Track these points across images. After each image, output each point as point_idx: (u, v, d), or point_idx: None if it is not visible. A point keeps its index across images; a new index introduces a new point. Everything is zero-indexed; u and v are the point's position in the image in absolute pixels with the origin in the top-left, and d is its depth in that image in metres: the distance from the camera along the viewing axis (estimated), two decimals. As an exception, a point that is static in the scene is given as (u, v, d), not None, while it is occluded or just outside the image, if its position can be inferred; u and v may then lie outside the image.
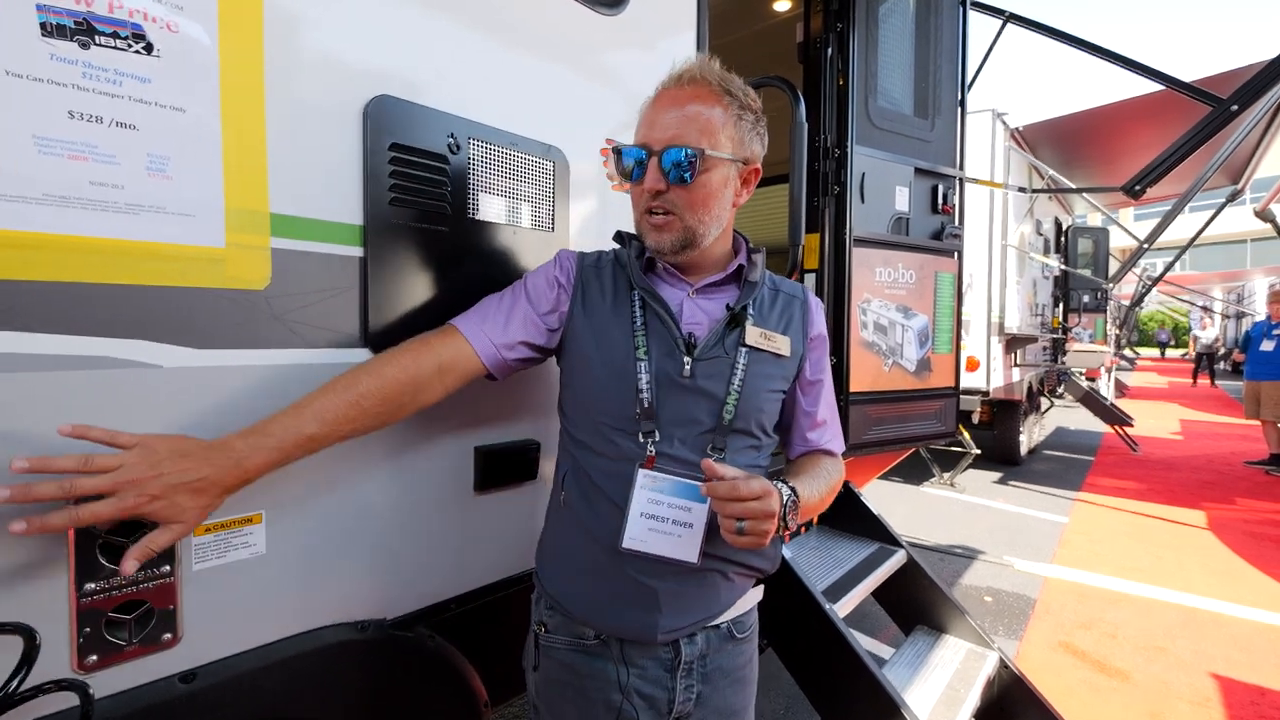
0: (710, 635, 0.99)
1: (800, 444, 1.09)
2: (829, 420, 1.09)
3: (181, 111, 0.78)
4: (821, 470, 1.02)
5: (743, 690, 1.05)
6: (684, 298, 0.99)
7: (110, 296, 0.73)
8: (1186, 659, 2.84)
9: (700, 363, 0.94)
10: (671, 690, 0.96)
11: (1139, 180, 2.45)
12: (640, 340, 0.94)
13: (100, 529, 0.73)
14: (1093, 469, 6.63)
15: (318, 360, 0.92)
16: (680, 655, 0.96)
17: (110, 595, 0.75)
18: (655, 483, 0.91)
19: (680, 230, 0.93)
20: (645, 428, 0.92)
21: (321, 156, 0.91)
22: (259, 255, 0.85)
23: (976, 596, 3.49)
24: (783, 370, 1.01)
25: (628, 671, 0.94)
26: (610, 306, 0.97)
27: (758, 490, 0.80)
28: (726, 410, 0.95)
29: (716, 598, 0.98)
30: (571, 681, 0.96)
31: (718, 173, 0.92)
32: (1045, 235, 7.01)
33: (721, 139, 0.91)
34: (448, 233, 1.06)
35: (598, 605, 0.94)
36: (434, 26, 1.05)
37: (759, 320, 1.00)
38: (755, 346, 0.97)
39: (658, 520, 0.91)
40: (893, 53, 2.30)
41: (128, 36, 0.74)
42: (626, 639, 0.94)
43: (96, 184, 0.72)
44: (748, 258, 1.03)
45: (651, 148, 0.90)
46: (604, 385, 0.94)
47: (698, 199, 0.91)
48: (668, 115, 0.91)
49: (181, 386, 0.79)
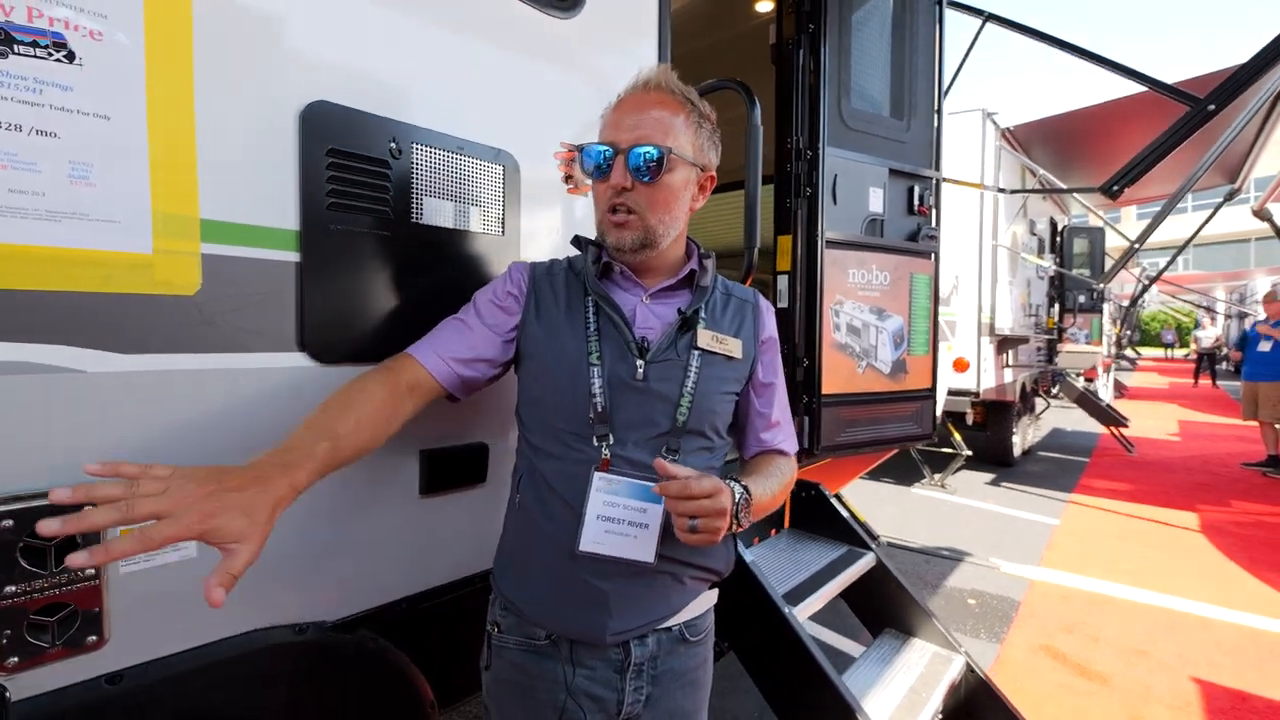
0: (662, 638, 0.99)
1: (754, 444, 1.11)
2: (782, 421, 1.11)
3: (106, 119, 0.79)
4: (775, 470, 1.04)
5: (694, 693, 1.05)
6: (637, 303, 1.00)
7: (29, 302, 0.74)
8: (1169, 662, 2.83)
9: (653, 365, 0.96)
10: (621, 691, 0.96)
11: (1116, 181, 2.44)
12: (593, 345, 0.95)
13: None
14: (1087, 470, 6.61)
15: (253, 365, 0.93)
16: (630, 657, 0.96)
17: (31, 597, 0.75)
18: (610, 485, 0.92)
19: (641, 229, 0.95)
20: (599, 431, 0.93)
21: (255, 162, 0.92)
22: (188, 261, 0.86)
23: (960, 599, 3.49)
24: (735, 372, 1.03)
25: (574, 672, 0.95)
26: (564, 313, 0.99)
27: (709, 488, 0.81)
28: (680, 412, 0.96)
29: (668, 600, 0.99)
30: (520, 681, 0.97)
31: (679, 174, 0.95)
32: (1039, 235, 7.01)
33: (684, 143, 0.95)
34: (390, 237, 1.07)
35: (549, 606, 0.95)
36: (376, 32, 1.06)
37: (711, 324, 1.02)
38: (708, 349, 0.99)
39: (614, 522, 0.92)
40: (867, 53, 2.30)
41: (48, 45, 0.74)
42: (576, 640, 0.95)
43: (16, 191, 0.73)
44: (699, 263, 1.04)
45: (619, 146, 0.93)
46: (558, 390, 0.95)
47: (660, 199, 0.94)
48: (633, 117, 0.94)
49: (107, 391, 0.80)
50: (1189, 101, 2.25)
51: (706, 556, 1.00)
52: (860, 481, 6.03)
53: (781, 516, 2.14)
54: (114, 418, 0.80)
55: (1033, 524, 4.80)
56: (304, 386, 0.98)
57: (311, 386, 0.99)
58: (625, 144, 0.92)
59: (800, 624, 1.50)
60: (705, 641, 1.07)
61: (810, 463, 2.30)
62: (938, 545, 4.32)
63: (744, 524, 0.89)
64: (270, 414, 0.95)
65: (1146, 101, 5.02)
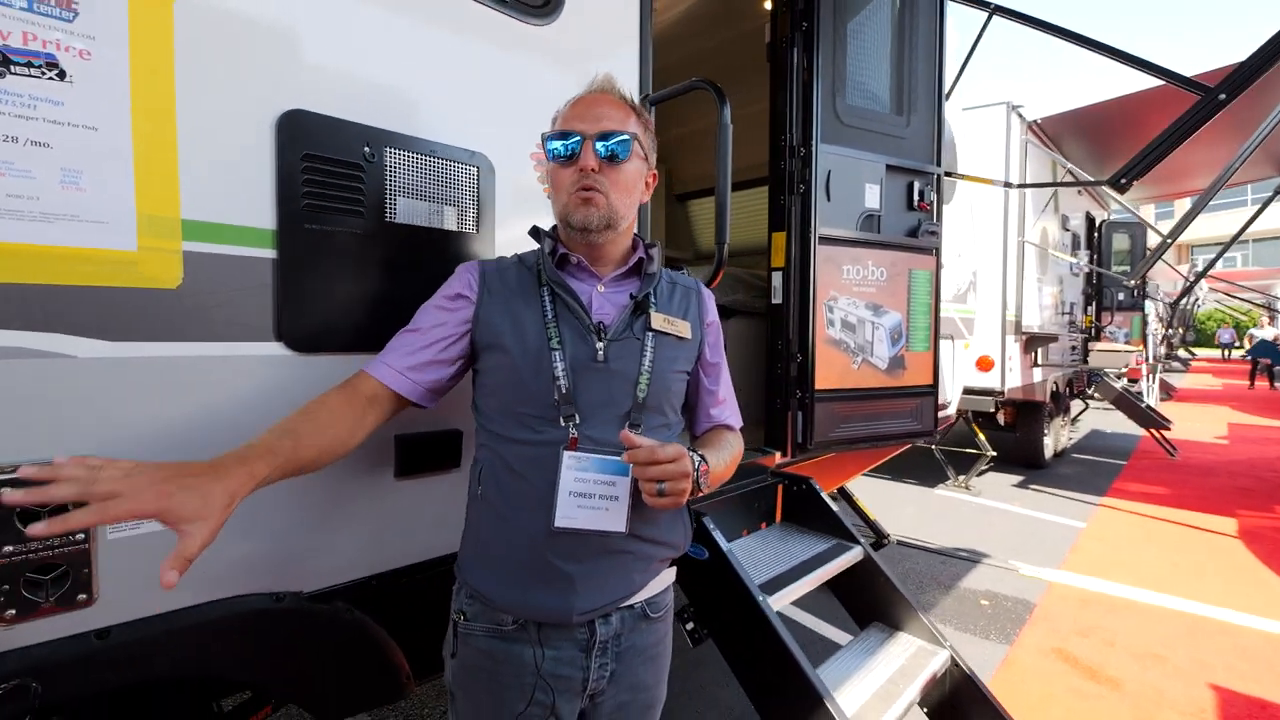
0: (625, 615, 1.04)
1: (705, 420, 1.17)
2: (728, 399, 1.19)
3: (94, 130, 0.88)
4: (725, 443, 1.12)
5: (655, 666, 1.10)
6: (593, 290, 1.06)
7: (25, 294, 0.83)
8: (1185, 668, 2.74)
9: (612, 345, 1.01)
10: (586, 669, 1.01)
11: (1125, 173, 2.38)
12: (553, 330, 1.00)
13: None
14: (1122, 473, 6.38)
15: (231, 352, 1.01)
16: (595, 635, 1.01)
17: (28, 557, 0.85)
18: (580, 462, 0.97)
19: (606, 207, 1.01)
20: (566, 412, 0.98)
21: (233, 167, 1.00)
22: (171, 257, 0.94)
23: (973, 600, 3.43)
24: (686, 352, 1.09)
25: (543, 653, 0.99)
26: (520, 303, 1.03)
27: (673, 453, 0.88)
28: (640, 389, 1.02)
29: (630, 579, 1.04)
30: (487, 667, 1.01)
31: (635, 164, 1.04)
32: (1073, 231, 6.79)
33: (640, 139, 1.04)
34: (363, 235, 1.14)
35: (517, 591, 0.98)
36: (351, 43, 1.13)
37: (661, 308, 1.08)
38: (661, 330, 1.05)
39: (586, 497, 0.97)
40: (865, 50, 2.30)
41: (41, 65, 0.84)
42: (544, 622, 0.99)
43: (13, 196, 0.82)
44: (646, 252, 1.10)
45: (586, 133, 1.00)
46: (522, 376, 0.99)
47: (623, 181, 1.02)
48: (596, 110, 1.02)
49: (95, 374, 0.88)
50: (1199, 91, 2.18)
51: (667, 531, 1.06)
52: (881, 481, 5.96)
53: (773, 510, 2.16)
54: (101, 398, 0.89)
55: (1058, 527, 4.67)
56: (280, 373, 1.06)
57: (287, 373, 1.07)
58: (591, 131, 1.00)
59: (773, 612, 1.52)
60: (665, 618, 1.12)
61: (805, 457, 2.31)
62: (956, 546, 4.24)
63: (703, 489, 0.96)
64: (248, 398, 1.03)
65: (1180, 90, 4.83)
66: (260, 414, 1.04)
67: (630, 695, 1.05)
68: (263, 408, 1.04)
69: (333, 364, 1.12)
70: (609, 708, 1.04)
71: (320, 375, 1.10)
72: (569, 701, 1.01)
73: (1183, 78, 2.23)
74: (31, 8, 0.83)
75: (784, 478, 2.15)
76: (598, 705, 1.04)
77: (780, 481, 2.16)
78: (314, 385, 1.09)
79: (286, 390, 1.06)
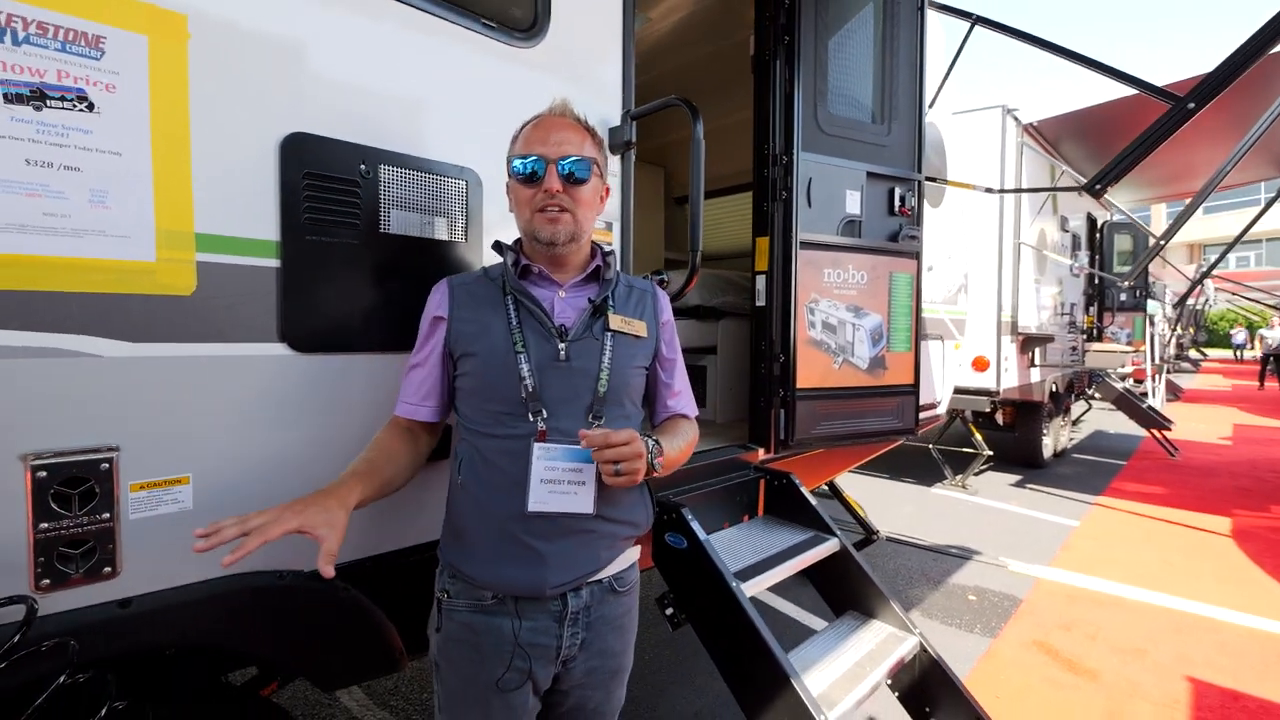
0: (594, 589, 1.15)
1: (663, 410, 1.29)
2: (683, 390, 1.30)
3: (119, 155, 0.99)
4: (681, 430, 1.24)
5: (622, 635, 1.21)
6: (554, 296, 1.16)
7: (58, 301, 0.94)
8: (1165, 662, 2.81)
9: (574, 345, 1.12)
10: (559, 638, 1.11)
11: (1099, 179, 2.45)
12: (517, 335, 1.11)
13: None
14: (1121, 473, 6.41)
15: (239, 352, 1.12)
16: (568, 607, 1.11)
17: (60, 534, 0.96)
18: (549, 452, 1.08)
19: (572, 223, 1.12)
20: (533, 408, 1.08)
21: (242, 185, 1.11)
22: (185, 267, 1.05)
23: (961, 595, 3.50)
24: (643, 349, 1.20)
25: (521, 624, 1.09)
26: (488, 313, 1.14)
27: (625, 436, 1.00)
28: (601, 384, 1.12)
29: (597, 556, 1.14)
30: (469, 639, 1.11)
31: (594, 182, 1.15)
32: (1073, 232, 6.82)
33: (596, 157, 1.15)
34: (359, 245, 1.25)
35: (494, 569, 1.09)
36: (348, 71, 1.24)
37: (619, 310, 1.18)
38: (618, 330, 1.16)
39: (555, 484, 1.08)
40: (846, 61, 2.39)
41: (73, 99, 0.95)
42: (520, 595, 1.09)
43: (48, 214, 0.93)
44: (603, 259, 1.20)
45: (549, 157, 1.10)
46: (492, 379, 1.10)
47: (585, 199, 1.13)
48: (557, 135, 1.12)
49: (118, 371, 0.99)
50: (1169, 100, 2.25)
51: (629, 511, 1.17)
52: (880, 480, 6.02)
53: (755, 504, 2.25)
54: (125, 392, 1.00)
55: (1052, 525, 4.73)
56: (283, 371, 1.17)
57: (290, 371, 1.18)
58: (554, 155, 1.10)
59: (746, 598, 1.62)
60: (631, 593, 1.23)
61: (788, 454, 2.40)
62: (949, 544, 4.31)
63: (658, 471, 1.09)
64: (254, 392, 1.14)
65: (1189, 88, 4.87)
66: (264, 406, 1.15)
67: (599, 661, 1.16)
68: (267, 401, 1.15)
69: (331, 362, 1.23)
70: (580, 672, 1.15)
71: (319, 373, 1.22)
72: (544, 667, 1.11)
73: (1153, 87, 2.30)
74: (65, 49, 0.94)
75: (765, 473, 2.24)
76: (570, 670, 1.14)
77: (762, 476, 2.25)
78: (313, 382, 1.21)
79: (289, 386, 1.18)
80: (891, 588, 3.05)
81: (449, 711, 1.13)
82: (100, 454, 0.99)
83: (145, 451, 1.03)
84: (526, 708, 1.12)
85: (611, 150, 1.72)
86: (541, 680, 1.12)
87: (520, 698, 1.10)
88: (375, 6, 1.28)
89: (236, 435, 1.12)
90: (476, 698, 1.09)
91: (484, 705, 1.09)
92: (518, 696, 1.10)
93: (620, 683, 1.23)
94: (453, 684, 1.13)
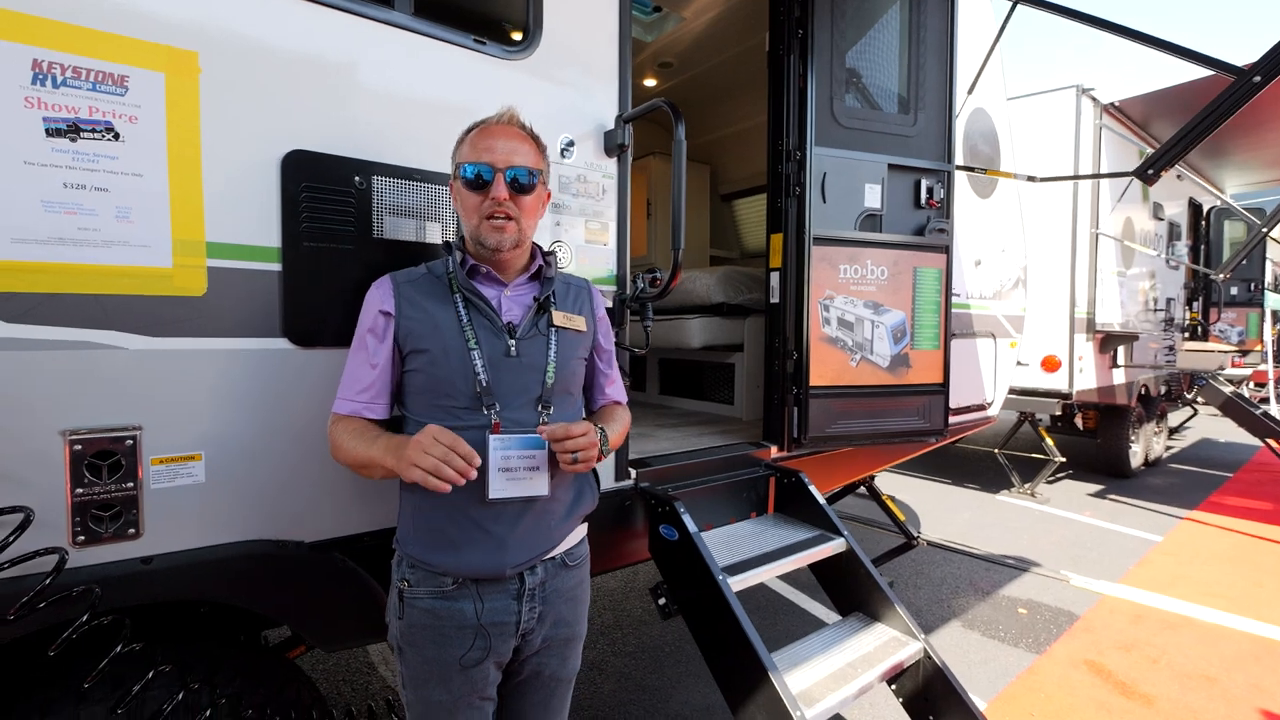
0: (548, 565, 1.23)
1: (600, 397, 1.39)
2: (617, 379, 1.41)
3: (140, 176, 1.15)
4: (618, 416, 1.37)
5: (575, 606, 1.29)
6: (500, 294, 1.23)
7: (90, 302, 1.11)
8: (1236, 692, 2.55)
9: (522, 341, 1.19)
10: (518, 614, 1.19)
11: (1151, 163, 2.26)
12: (469, 332, 1.18)
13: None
14: (1224, 486, 5.81)
15: (245, 346, 1.27)
16: (525, 584, 1.20)
17: (93, 499, 1.13)
18: (504, 442, 1.15)
19: (516, 230, 1.19)
20: (488, 401, 1.16)
21: (247, 199, 1.26)
22: (198, 272, 1.21)
23: (1010, 607, 3.32)
24: (583, 342, 1.28)
25: (483, 605, 1.17)
26: (437, 310, 1.18)
27: (583, 429, 1.12)
28: (549, 377, 1.20)
29: (549, 534, 1.22)
30: (432, 624, 1.16)
31: (539, 191, 1.22)
32: (1169, 220, 6.23)
33: (541, 166, 1.21)
34: (354, 250, 1.38)
35: (455, 556, 1.15)
36: (344, 94, 1.37)
37: (560, 306, 1.25)
38: (561, 326, 1.23)
39: (512, 471, 1.15)
40: (865, 51, 2.34)
41: (102, 130, 1.12)
42: (481, 578, 1.17)
43: (82, 229, 1.10)
44: (544, 259, 1.27)
45: (495, 166, 1.16)
46: (446, 374, 1.16)
47: (529, 207, 1.20)
48: (503, 144, 1.18)
49: (140, 361, 1.16)
50: (1233, 73, 2.06)
51: (578, 492, 1.27)
52: (939, 485, 5.76)
53: (765, 501, 2.25)
54: (146, 380, 1.17)
55: (1129, 539, 4.37)
56: (285, 363, 1.31)
57: (291, 363, 1.32)
58: (501, 165, 1.16)
59: (731, 591, 1.64)
60: (582, 566, 1.31)
61: (803, 452, 2.38)
62: (1004, 553, 4.08)
63: (604, 455, 1.18)
64: (258, 382, 1.29)
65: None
66: (268, 394, 1.30)
67: (554, 630, 1.25)
68: (270, 389, 1.30)
69: (328, 355, 1.36)
70: (538, 642, 1.23)
71: (318, 364, 1.35)
72: (504, 642, 1.20)
73: (1215, 60, 2.11)
74: (95, 88, 1.11)
75: (775, 470, 2.24)
76: (529, 640, 1.22)
77: (772, 474, 2.24)
78: (313, 372, 1.35)
79: (290, 376, 1.32)
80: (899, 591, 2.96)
81: (413, 688, 1.21)
82: (126, 432, 1.16)
83: (164, 431, 1.19)
84: (488, 680, 1.21)
85: (606, 153, 1.79)
86: (503, 654, 1.20)
87: (480, 672, 1.18)
88: (368, 30, 1.40)
89: (243, 419, 1.28)
90: (440, 675, 1.17)
91: (446, 681, 1.17)
92: (478, 671, 1.18)
93: (575, 650, 1.31)
94: (416, 664, 1.20)
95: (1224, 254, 7.11)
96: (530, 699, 1.28)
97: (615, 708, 2.45)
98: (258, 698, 1.31)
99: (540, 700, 1.28)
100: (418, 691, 1.20)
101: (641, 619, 3.08)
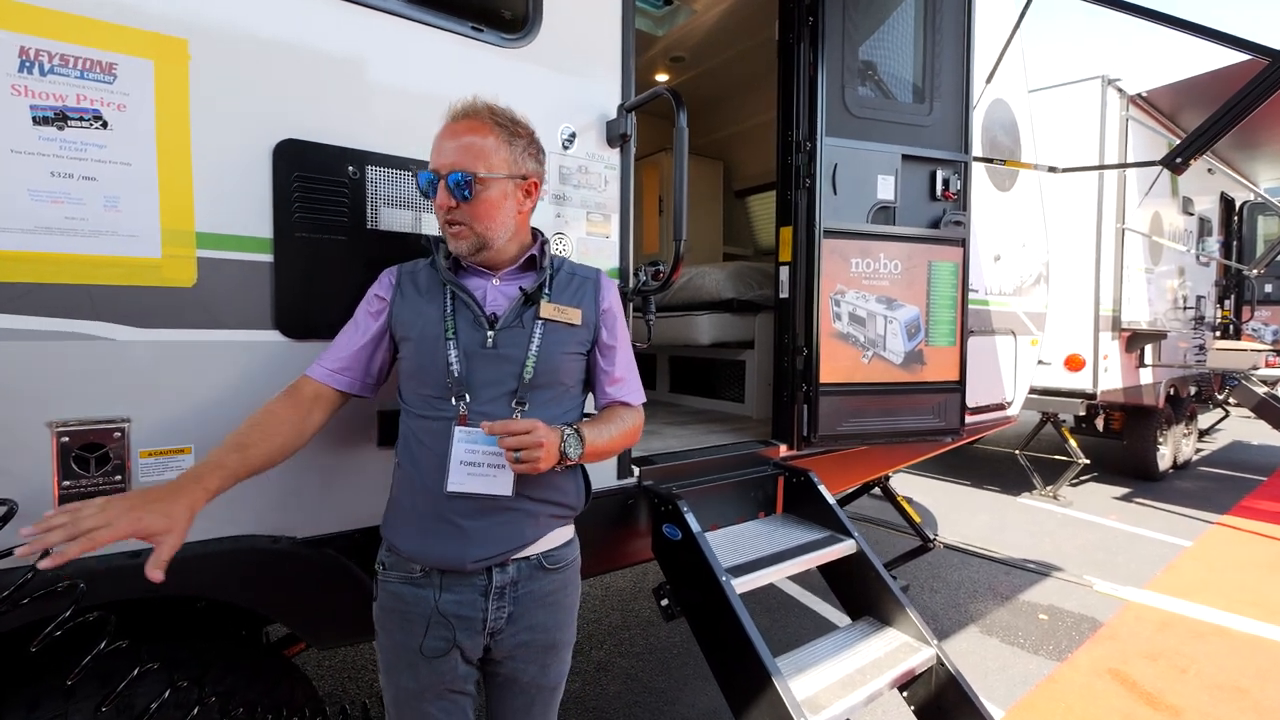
0: (521, 565, 1.19)
1: (603, 397, 1.29)
2: (625, 378, 1.30)
3: (129, 165, 1.13)
4: (617, 417, 1.25)
5: (555, 613, 1.24)
6: (488, 285, 1.20)
7: (78, 292, 1.10)
8: (1270, 705, 2.44)
9: (501, 333, 1.16)
10: (484, 611, 1.16)
11: (1179, 152, 2.16)
12: (449, 323, 1.16)
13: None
14: (1257, 490, 5.60)
15: (236, 338, 1.25)
16: (493, 581, 1.16)
17: (81, 491, 1.12)
18: (469, 435, 1.13)
19: (472, 237, 1.15)
20: (457, 392, 1.14)
21: (238, 187, 1.24)
22: (187, 262, 1.19)
23: (1030, 613, 3.22)
24: (577, 336, 1.22)
25: (441, 595, 1.15)
26: (426, 300, 1.19)
27: (525, 426, 1.04)
28: (526, 371, 1.16)
29: (522, 533, 1.18)
30: (398, 607, 1.18)
31: (495, 189, 1.14)
32: (1199, 214, 6.03)
33: (495, 162, 1.13)
34: (347, 240, 1.35)
35: (419, 543, 1.15)
36: (337, 81, 1.34)
37: (554, 298, 1.21)
38: (550, 318, 1.18)
39: (474, 465, 1.13)
40: (879, 39, 2.27)
41: (90, 119, 1.10)
42: (444, 569, 1.16)
43: (70, 219, 1.09)
44: (540, 249, 1.23)
45: (439, 172, 1.13)
46: (423, 362, 1.16)
47: (481, 212, 1.14)
48: (448, 145, 1.14)
49: (129, 353, 1.14)
50: (1268, 55, 1.96)
51: (556, 492, 1.20)
52: (957, 487, 5.63)
53: (773, 500, 2.20)
54: (135, 372, 1.15)
55: (1156, 544, 4.22)
56: (276, 355, 1.29)
57: (282, 355, 1.30)
58: (444, 170, 1.12)
59: (734, 592, 1.59)
60: (564, 570, 1.25)
61: (813, 451, 2.32)
62: (1026, 557, 3.97)
63: (572, 459, 1.10)
64: (249, 375, 1.27)
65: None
66: (258, 387, 1.27)
67: (529, 635, 1.20)
68: (261, 382, 1.27)
69: (320, 348, 1.33)
70: (510, 644, 1.19)
71: (310, 357, 1.32)
72: (470, 637, 1.17)
73: (1248, 42, 2.01)
74: (83, 76, 1.09)
75: (783, 469, 2.18)
76: (499, 642, 1.19)
77: (780, 473, 2.19)
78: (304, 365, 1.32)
79: (281, 369, 1.29)
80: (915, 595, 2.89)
81: (385, 673, 1.22)
82: (114, 424, 1.14)
83: (153, 424, 1.18)
84: (457, 674, 1.18)
85: (609, 143, 1.75)
86: (469, 649, 1.17)
87: (446, 664, 1.16)
88: (361, 17, 1.37)
89: (234, 413, 1.25)
90: (407, 662, 1.17)
91: (413, 669, 1.16)
92: (444, 663, 1.16)
93: (557, 657, 1.26)
94: (387, 649, 1.21)
95: (1257, 249, 6.88)
96: (510, 704, 1.25)
97: (621, 709, 2.41)
98: (249, 695, 1.29)
99: (521, 706, 1.24)
100: (389, 676, 1.21)
101: (649, 620, 3.04)
